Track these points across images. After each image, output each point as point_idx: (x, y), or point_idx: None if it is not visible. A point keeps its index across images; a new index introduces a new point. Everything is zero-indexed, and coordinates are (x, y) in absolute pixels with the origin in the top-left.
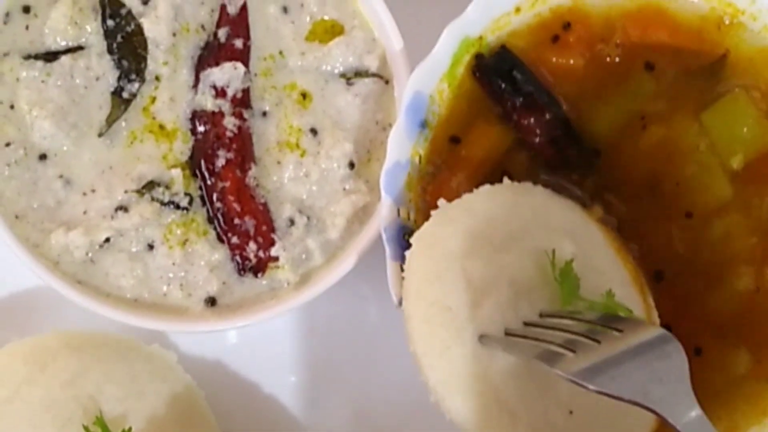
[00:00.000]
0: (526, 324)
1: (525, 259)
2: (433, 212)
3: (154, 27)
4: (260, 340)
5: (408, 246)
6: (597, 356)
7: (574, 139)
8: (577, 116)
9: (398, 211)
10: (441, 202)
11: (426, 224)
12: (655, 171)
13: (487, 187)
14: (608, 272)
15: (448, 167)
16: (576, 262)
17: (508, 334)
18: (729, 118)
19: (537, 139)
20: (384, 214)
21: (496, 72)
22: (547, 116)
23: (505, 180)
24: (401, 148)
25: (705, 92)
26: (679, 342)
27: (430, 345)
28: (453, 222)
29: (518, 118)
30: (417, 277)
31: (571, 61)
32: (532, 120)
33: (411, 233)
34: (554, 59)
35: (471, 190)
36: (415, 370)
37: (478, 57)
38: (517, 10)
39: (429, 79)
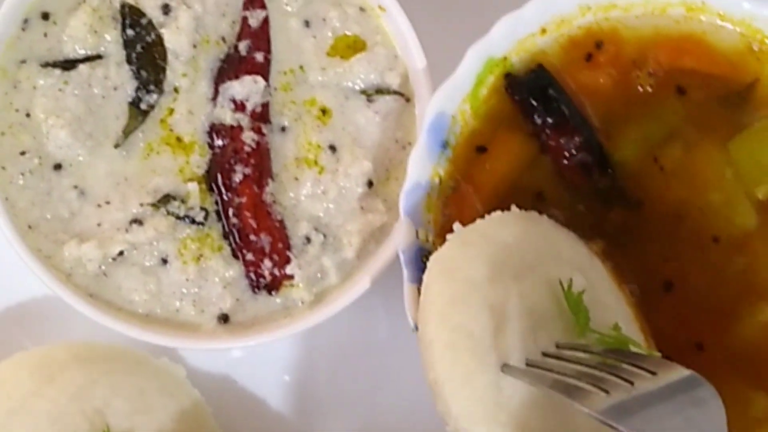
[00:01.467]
0: (545, 355)
1: (541, 289)
2: (449, 236)
3: (175, 38)
4: (269, 357)
5: (426, 268)
6: (625, 395)
7: (604, 167)
8: (604, 137)
9: (417, 232)
10: (456, 226)
11: (443, 248)
12: (680, 197)
13: (498, 214)
14: (613, 307)
15: (468, 183)
16: (585, 295)
17: (529, 364)
18: (756, 147)
19: (566, 162)
20: (402, 235)
21: (529, 90)
22: (578, 139)
23: (513, 208)
24: (422, 169)
25: (733, 120)
26: (713, 387)
27: (453, 371)
28: (471, 247)
29: (548, 138)
30: (439, 301)
31: (601, 80)
32: (562, 141)
33: (429, 255)
34: (584, 78)
35: (489, 211)
36: (422, 395)
37: (508, 76)
38: (543, 31)
39: (452, 99)
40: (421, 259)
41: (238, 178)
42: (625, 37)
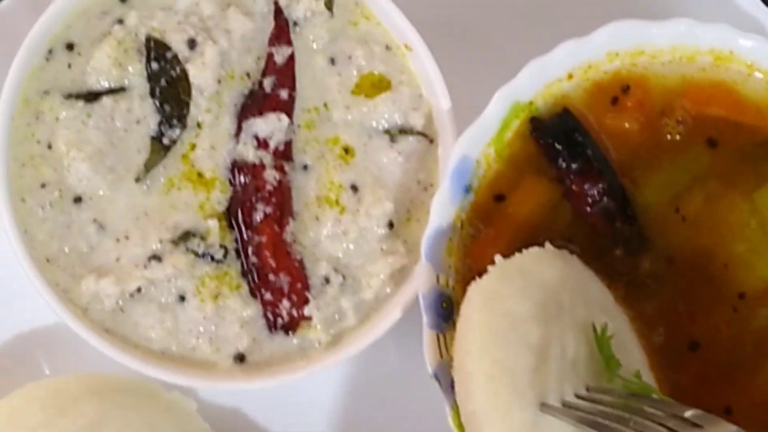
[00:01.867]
0: (578, 397)
1: (574, 329)
2: (490, 267)
3: (200, 73)
4: (281, 392)
5: (445, 314)
6: None
7: (627, 214)
8: (628, 183)
9: (437, 277)
10: (498, 258)
11: (484, 279)
12: (703, 247)
13: (536, 249)
14: (634, 353)
15: (490, 227)
16: (612, 340)
17: (566, 405)
18: None
19: (589, 208)
20: (423, 280)
21: (555, 134)
22: (602, 185)
23: (548, 245)
24: (444, 213)
25: (760, 170)
26: None
27: (493, 405)
28: (512, 281)
29: (572, 183)
30: (480, 333)
31: (627, 125)
32: (586, 186)
33: (449, 301)
34: (610, 122)
35: (513, 253)
36: None
37: (534, 120)
38: (570, 76)
39: (476, 143)
40: (441, 304)
41: (258, 216)
42: (653, 82)
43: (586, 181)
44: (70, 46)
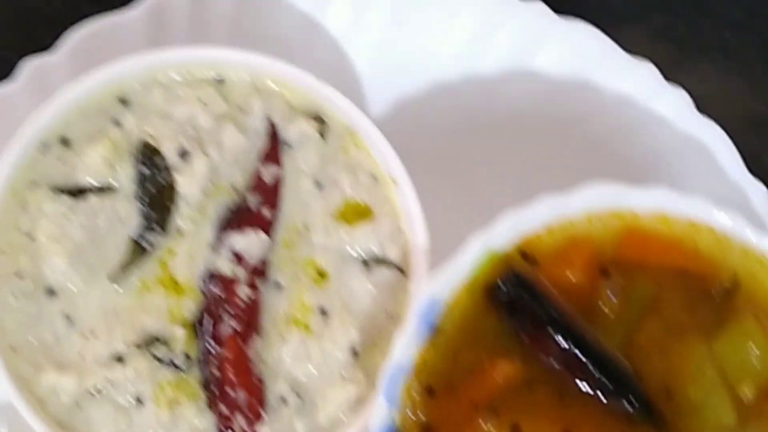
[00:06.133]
0: None
1: None
2: None
3: (188, 183)
4: None
5: None
6: None
7: (594, 367)
8: (588, 333)
9: (391, 415)
10: None
11: None
12: (667, 388)
13: None
14: None
15: (447, 389)
16: None
17: None
18: (738, 346)
19: (553, 363)
20: (377, 417)
21: (509, 299)
22: (560, 338)
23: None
24: (406, 351)
25: (717, 316)
26: None
27: None
28: None
29: (530, 340)
30: None
31: (574, 280)
32: (547, 345)
33: None
34: (568, 276)
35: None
36: None
37: (491, 288)
38: (546, 228)
39: (447, 285)
40: None
41: (225, 330)
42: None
43: (543, 338)
44: (65, 141)
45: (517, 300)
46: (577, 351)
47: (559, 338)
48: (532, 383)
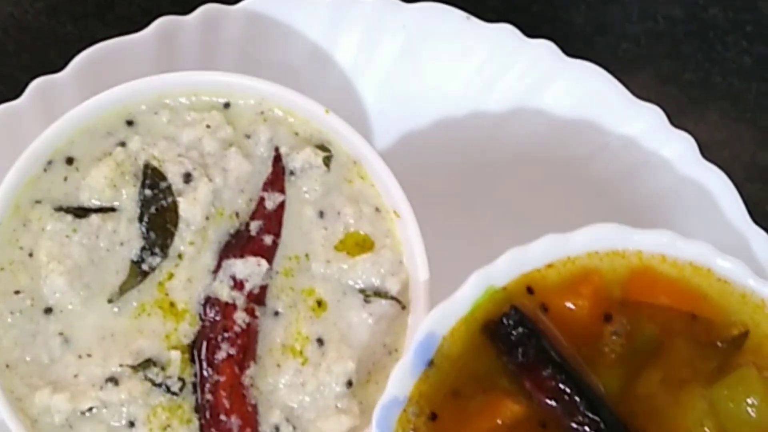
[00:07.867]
0: None
1: None
2: None
3: (190, 207)
4: None
5: None
6: None
7: (590, 411)
8: (585, 373)
9: None
10: None
11: None
12: None
13: None
14: None
15: (443, 419)
16: None
17: None
18: (737, 397)
19: (548, 402)
20: None
21: (506, 333)
22: (559, 377)
23: None
24: (402, 385)
25: (720, 364)
26: None
27: None
28: None
29: (526, 378)
30: None
31: (579, 313)
32: (543, 380)
33: None
34: (567, 312)
35: None
36: None
37: (489, 324)
38: (549, 266)
39: (446, 320)
40: None
41: (221, 356)
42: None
43: (541, 377)
44: (69, 161)
45: (518, 337)
46: (576, 397)
47: (558, 379)
48: (531, 420)
